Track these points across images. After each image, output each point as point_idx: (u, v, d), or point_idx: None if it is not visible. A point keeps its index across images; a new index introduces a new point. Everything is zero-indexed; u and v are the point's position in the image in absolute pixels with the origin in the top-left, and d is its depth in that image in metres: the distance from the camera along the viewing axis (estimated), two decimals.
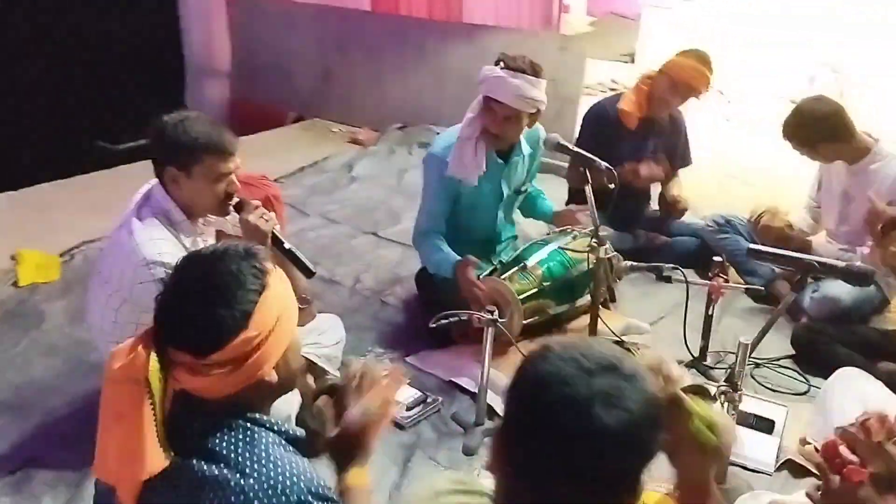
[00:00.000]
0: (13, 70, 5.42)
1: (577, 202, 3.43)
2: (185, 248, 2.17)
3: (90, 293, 2.36)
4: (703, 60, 3.42)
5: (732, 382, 2.20)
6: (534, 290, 2.91)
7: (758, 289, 3.18)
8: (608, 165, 2.75)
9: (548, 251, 3.04)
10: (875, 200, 2.55)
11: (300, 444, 1.36)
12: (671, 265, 2.92)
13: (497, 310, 2.61)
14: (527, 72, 2.79)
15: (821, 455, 1.32)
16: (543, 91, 2.86)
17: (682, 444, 1.25)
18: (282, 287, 1.33)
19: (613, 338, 2.87)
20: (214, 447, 1.26)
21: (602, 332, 2.86)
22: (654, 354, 1.38)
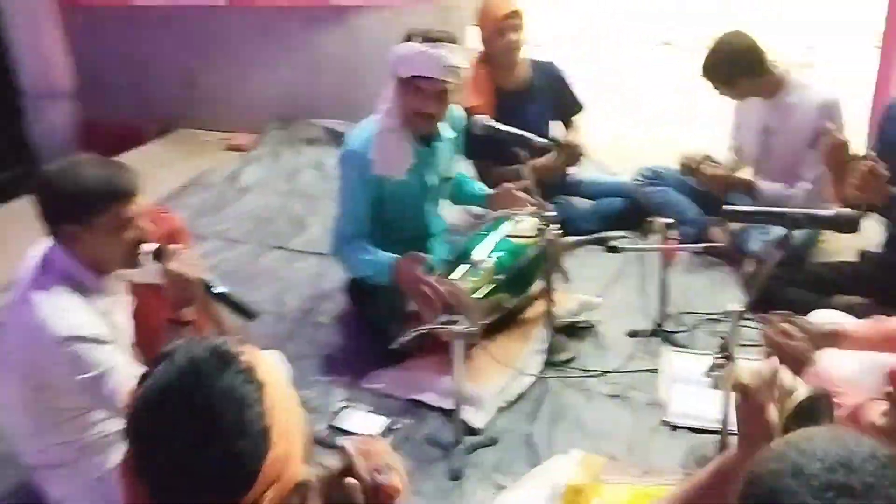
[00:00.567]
0: None
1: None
2: (101, 314, 1.84)
3: None
4: None
5: (727, 353, 2.07)
6: (487, 287, 2.66)
7: (718, 246, 3.10)
8: (565, 139, 2.58)
9: (493, 241, 2.78)
10: (834, 132, 2.49)
11: None
12: (620, 233, 2.77)
13: (454, 315, 2.37)
14: (444, 40, 2.57)
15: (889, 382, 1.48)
16: (465, 57, 2.65)
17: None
18: (265, 366, 1.07)
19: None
20: None
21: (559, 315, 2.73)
22: (769, 366, 1.24)
